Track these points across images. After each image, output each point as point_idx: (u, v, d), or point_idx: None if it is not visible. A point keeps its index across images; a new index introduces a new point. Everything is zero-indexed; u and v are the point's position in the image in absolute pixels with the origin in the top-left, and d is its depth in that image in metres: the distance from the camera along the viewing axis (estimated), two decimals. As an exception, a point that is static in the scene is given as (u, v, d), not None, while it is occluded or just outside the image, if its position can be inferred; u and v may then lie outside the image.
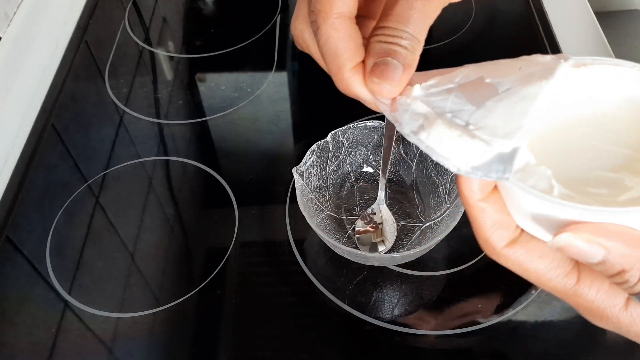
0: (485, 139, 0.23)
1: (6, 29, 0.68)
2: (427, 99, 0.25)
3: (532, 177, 0.23)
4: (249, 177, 0.58)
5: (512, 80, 0.25)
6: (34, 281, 0.51)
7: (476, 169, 0.22)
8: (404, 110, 0.24)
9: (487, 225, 0.25)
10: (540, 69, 0.25)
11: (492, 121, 0.23)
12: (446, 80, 0.26)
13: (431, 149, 0.23)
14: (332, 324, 0.47)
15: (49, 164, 0.61)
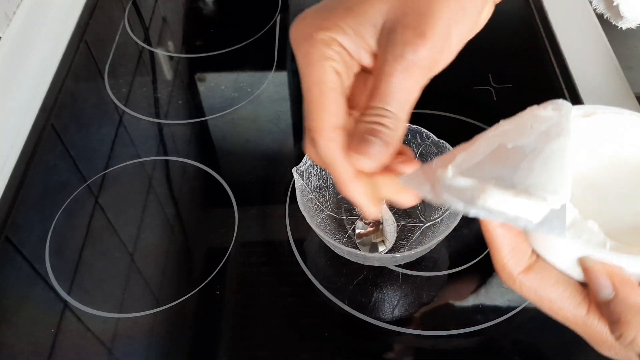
0: (540, 195, 0.23)
1: (6, 29, 0.68)
2: (465, 174, 0.25)
3: (584, 232, 0.25)
4: (249, 177, 0.58)
5: (532, 140, 0.26)
6: (33, 281, 0.51)
7: (540, 225, 0.23)
8: (447, 190, 0.25)
9: (504, 251, 0.26)
10: (550, 124, 0.27)
11: (535, 179, 0.24)
12: (471, 154, 0.27)
13: (494, 212, 0.24)
14: (332, 324, 0.47)
15: (48, 164, 0.60)
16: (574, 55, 0.67)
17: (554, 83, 0.65)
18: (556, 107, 0.28)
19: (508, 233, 0.26)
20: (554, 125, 0.27)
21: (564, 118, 0.27)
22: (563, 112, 0.28)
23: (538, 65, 0.68)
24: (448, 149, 0.50)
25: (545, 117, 0.27)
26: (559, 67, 0.66)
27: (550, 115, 0.28)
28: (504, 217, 0.23)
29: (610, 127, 0.29)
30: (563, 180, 0.24)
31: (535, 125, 0.27)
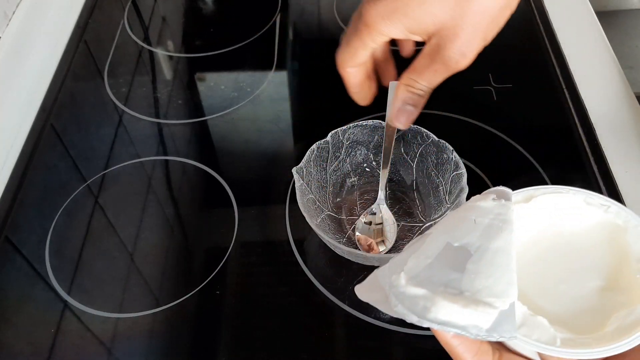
0: (487, 301, 0.25)
1: (5, 29, 0.68)
2: (417, 280, 0.27)
3: (535, 330, 0.26)
4: (249, 177, 0.58)
5: (477, 237, 0.28)
6: (33, 281, 0.51)
7: (490, 332, 0.25)
8: (401, 300, 0.26)
9: (468, 359, 0.27)
10: (493, 216, 0.29)
11: (482, 282, 0.26)
12: (422, 257, 0.28)
13: (445, 324, 0.25)
14: (332, 324, 0.47)
15: (48, 164, 0.60)
16: (574, 55, 0.67)
17: (554, 83, 0.65)
18: (497, 196, 0.30)
19: (466, 340, 0.27)
20: (496, 217, 0.28)
21: (505, 208, 0.29)
22: (503, 201, 0.29)
23: (538, 65, 0.68)
24: (448, 149, 0.50)
25: (487, 208, 0.29)
26: (559, 67, 0.66)
27: (491, 206, 0.29)
28: (455, 327, 0.25)
29: (551, 209, 0.31)
30: (509, 279, 0.26)
31: (479, 219, 0.28)
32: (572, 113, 0.62)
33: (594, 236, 0.31)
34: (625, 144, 0.58)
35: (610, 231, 0.30)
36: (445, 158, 0.51)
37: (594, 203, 0.31)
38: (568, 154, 0.59)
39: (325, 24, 0.76)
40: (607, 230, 0.31)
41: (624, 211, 0.30)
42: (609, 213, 0.30)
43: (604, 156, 0.56)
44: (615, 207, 0.30)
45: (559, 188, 0.31)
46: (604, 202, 0.30)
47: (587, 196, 0.31)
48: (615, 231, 0.30)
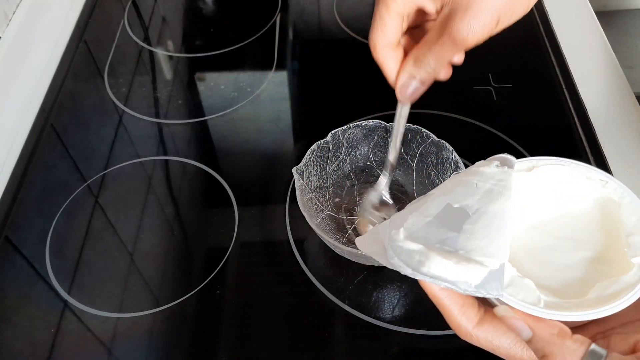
0: (479, 260, 0.26)
1: (5, 29, 0.68)
2: (415, 236, 0.28)
3: (521, 291, 0.27)
4: (249, 177, 0.58)
5: (476, 200, 0.29)
6: (33, 281, 0.51)
7: (479, 288, 0.26)
8: (398, 254, 0.28)
9: (454, 311, 0.28)
10: (494, 182, 0.30)
11: (476, 243, 0.27)
12: (422, 215, 0.29)
13: (437, 278, 0.27)
14: (332, 324, 0.47)
15: (48, 164, 0.60)
16: (574, 55, 0.67)
17: (554, 83, 0.65)
18: (501, 163, 0.31)
19: (453, 293, 0.28)
20: (497, 183, 0.30)
21: (506, 175, 0.30)
22: (506, 168, 0.31)
23: (538, 65, 0.68)
24: (448, 148, 0.50)
25: (489, 174, 0.30)
26: (559, 67, 0.67)
27: (494, 172, 0.30)
28: (445, 281, 0.26)
29: (551, 180, 0.32)
30: (502, 242, 0.27)
31: (480, 183, 0.30)
32: (571, 113, 0.62)
33: (589, 209, 0.31)
34: (624, 143, 0.58)
35: (606, 206, 0.31)
36: (445, 158, 0.51)
37: (593, 178, 0.31)
38: (568, 153, 0.58)
39: (325, 24, 0.76)
40: (602, 205, 0.32)
41: (621, 187, 0.31)
42: (607, 188, 0.31)
43: (604, 156, 0.57)
44: (613, 183, 0.31)
45: (561, 160, 0.32)
46: (603, 177, 0.31)
47: (587, 170, 0.32)
48: (610, 206, 0.31)
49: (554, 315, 0.26)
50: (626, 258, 0.29)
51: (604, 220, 0.32)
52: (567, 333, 0.26)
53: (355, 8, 0.77)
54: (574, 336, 0.26)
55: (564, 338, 0.25)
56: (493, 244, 0.27)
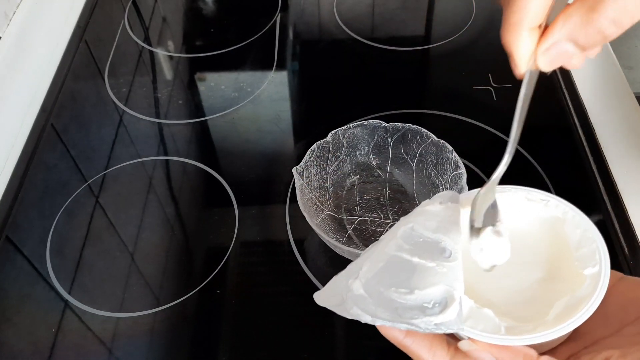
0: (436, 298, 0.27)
1: (6, 29, 0.68)
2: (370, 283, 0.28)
3: (481, 321, 0.28)
4: (249, 177, 0.58)
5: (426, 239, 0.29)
6: (34, 281, 0.51)
7: (439, 325, 0.26)
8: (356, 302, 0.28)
9: (424, 354, 0.27)
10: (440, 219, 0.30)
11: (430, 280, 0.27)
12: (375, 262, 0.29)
13: (396, 321, 0.26)
14: (332, 324, 0.47)
15: (48, 164, 0.60)
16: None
17: (553, 83, 0.65)
18: (445, 200, 0.31)
19: (417, 336, 0.27)
20: (443, 220, 0.30)
21: (451, 210, 0.30)
22: (450, 204, 0.31)
23: (538, 65, 0.68)
24: (448, 149, 0.50)
25: (435, 212, 0.31)
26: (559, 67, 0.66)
27: (439, 210, 0.31)
28: (405, 323, 0.26)
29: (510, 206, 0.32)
30: (456, 275, 0.27)
31: (427, 223, 0.30)
32: (571, 113, 0.62)
33: (535, 230, 0.32)
34: (624, 143, 0.58)
35: (551, 224, 0.32)
36: (445, 158, 0.51)
37: (534, 199, 0.32)
38: (567, 153, 0.59)
39: (325, 24, 0.76)
40: (547, 224, 0.32)
41: (563, 204, 0.31)
42: (549, 207, 0.32)
43: (604, 156, 0.57)
44: (554, 201, 0.31)
45: (501, 188, 0.32)
46: (543, 197, 0.32)
47: (527, 193, 0.32)
48: (555, 223, 0.32)
49: (515, 341, 0.26)
50: (578, 272, 0.29)
51: (551, 238, 0.32)
52: (532, 356, 0.26)
53: (355, 8, 0.77)
54: (540, 358, 0.26)
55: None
56: (447, 278, 0.27)
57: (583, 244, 0.30)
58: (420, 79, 0.72)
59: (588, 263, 0.29)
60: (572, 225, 0.31)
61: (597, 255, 0.29)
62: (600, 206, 0.53)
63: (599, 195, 0.54)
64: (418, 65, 0.72)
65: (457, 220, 0.30)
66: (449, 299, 0.26)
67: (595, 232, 0.30)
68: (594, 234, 0.30)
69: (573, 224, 0.31)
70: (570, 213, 0.31)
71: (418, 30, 0.76)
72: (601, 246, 0.29)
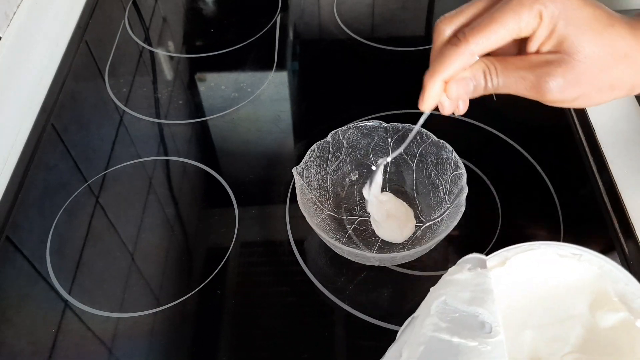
0: None
1: (6, 29, 0.68)
2: None
3: None
4: (249, 177, 0.58)
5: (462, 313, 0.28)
6: (34, 281, 0.51)
7: None
8: None
9: None
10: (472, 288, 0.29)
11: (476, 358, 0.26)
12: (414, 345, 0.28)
13: None
14: (332, 324, 0.47)
15: (49, 164, 0.60)
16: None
17: (553, 83, 0.65)
18: (473, 266, 0.30)
19: None
20: (475, 289, 0.28)
21: (482, 277, 0.29)
22: (479, 269, 0.29)
23: (538, 65, 0.68)
24: (448, 149, 0.50)
25: (465, 281, 0.29)
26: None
27: (468, 277, 0.29)
28: None
29: (526, 267, 0.31)
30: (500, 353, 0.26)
31: (460, 294, 0.28)
32: (571, 113, 0.62)
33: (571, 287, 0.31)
34: (624, 144, 0.58)
35: (589, 279, 0.31)
36: (445, 158, 0.51)
37: (566, 254, 0.31)
38: (567, 154, 0.59)
39: (325, 24, 0.76)
40: (585, 279, 0.31)
41: (596, 257, 0.30)
42: (582, 261, 0.30)
43: (604, 156, 0.57)
44: (587, 255, 0.30)
45: (530, 245, 0.31)
46: (575, 251, 0.31)
47: (558, 248, 0.31)
48: (593, 278, 0.30)
49: None
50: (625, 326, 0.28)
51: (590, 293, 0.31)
52: None
53: (355, 8, 0.77)
54: None
55: None
56: (492, 356, 0.26)
57: (628, 298, 0.29)
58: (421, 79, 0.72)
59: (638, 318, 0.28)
60: (612, 279, 0.30)
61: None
62: (600, 206, 0.53)
63: (598, 195, 0.54)
64: (418, 65, 0.71)
65: (491, 287, 0.29)
66: None
67: (637, 285, 0.29)
68: (636, 289, 0.29)
69: (612, 277, 0.30)
70: (607, 267, 0.30)
71: (418, 30, 0.76)
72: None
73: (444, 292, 0.29)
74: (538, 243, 0.31)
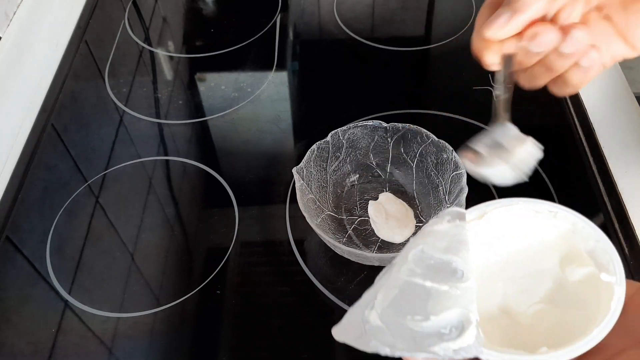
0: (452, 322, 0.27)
1: (6, 29, 0.68)
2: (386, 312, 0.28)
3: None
4: (249, 177, 0.58)
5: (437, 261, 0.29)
6: (34, 281, 0.51)
7: (457, 351, 0.26)
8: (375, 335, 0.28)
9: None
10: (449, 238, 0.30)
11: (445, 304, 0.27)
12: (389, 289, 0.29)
13: (414, 350, 0.26)
14: (332, 324, 0.47)
15: (49, 164, 0.61)
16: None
17: (553, 83, 0.65)
18: (452, 218, 0.31)
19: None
20: (452, 239, 0.30)
21: (459, 229, 0.30)
22: (458, 222, 0.31)
23: (538, 65, 0.68)
24: (448, 149, 0.50)
25: (443, 231, 0.30)
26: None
27: (447, 228, 0.31)
28: (424, 352, 0.26)
29: (503, 222, 0.32)
30: (469, 298, 0.27)
31: (437, 243, 0.30)
32: (571, 113, 0.62)
33: (544, 242, 0.32)
34: (624, 144, 0.58)
35: (561, 236, 0.31)
36: (445, 158, 0.51)
37: (541, 211, 0.31)
38: (568, 154, 0.59)
39: (325, 24, 0.76)
40: (556, 236, 0.32)
41: (571, 214, 0.31)
42: (557, 218, 0.31)
43: (604, 156, 0.57)
44: (562, 212, 0.31)
45: (507, 201, 0.32)
46: (551, 208, 0.31)
47: (534, 205, 0.32)
48: (565, 235, 0.31)
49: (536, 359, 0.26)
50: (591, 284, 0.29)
51: (561, 250, 0.32)
52: None
53: (355, 8, 0.77)
54: None
55: None
56: (461, 301, 0.27)
57: (597, 254, 0.30)
58: (420, 79, 0.72)
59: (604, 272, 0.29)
60: (584, 236, 0.30)
61: (611, 265, 0.28)
62: (600, 206, 0.53)
63: (599, 195, 0.54)
64: (418, 65, 0.72)
65: (466, 238, 0.30)
66: (465, 323, 0.26)
67: (608, 242, 0.30)
68: (607, 245, 0.29)
69: (584, 234, 0.30)
70: (580, 224, 0.31)
71: (418, 31, 0.76)
72: (614, 256, 0.29)
73: (422, 242, 0.31)
74: (517, 199, 0.32)
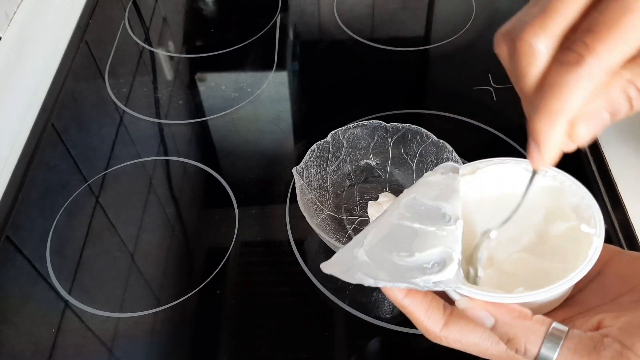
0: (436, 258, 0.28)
1: (6, 29, 0.68)
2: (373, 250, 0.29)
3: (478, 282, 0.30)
4: (249, 177, 0.58)
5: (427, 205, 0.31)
6: (34, 281, 0.51)
7: (437, 283, 0.27)
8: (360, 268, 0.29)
9: (421, 315, 0.28)
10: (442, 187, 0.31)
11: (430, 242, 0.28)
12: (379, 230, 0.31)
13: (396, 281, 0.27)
14: (332, 324, 0.47)
15: (49, 164, 0.61)
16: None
17: (553, 83, 0.65)
18: (446, 171, 0.33)
19: (416, 297, 0.28)
20: (444, 188, 0.31)
21: (452, 179, 0.32)
22: (451, 174, 0.32)
23: (538, 65, 0.68)
24: (448, 149, 0.50)
25: (436, 181, 0.32)
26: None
27: (440, 179, 0.32)
28: (405, 282, 0.27)
29: (495, 178, 0.34)
30: (455, 237, 0.28)
31: (429, 192, 0.31)
32: (571, 113, 0.62)
33: (533, 197, 0.33)
34: (624, 143, 0.58)
35: (549, 192, 0.33)
36: (445, 158, 0.51)
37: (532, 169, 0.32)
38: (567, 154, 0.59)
39: (325, 24, 0.76)
40: (545, 192, 0.33)
41: (560, 174, 0.33)
42: (547, 177, 0.33)
43: (604, 156, 0.57)
44: (552, 172, 0.33)
45: (501, 159, 0.33)
46: None
47: (526, 164, 0.33)
48: (553, 192, 0.33)
49: (511, 299, 0.27)
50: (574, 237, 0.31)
51: (548, 206, 0.33)
52: (527, 315, 0.26)
53: (355, 8, 0.77)
54: (534, 317, 0.26)
55: (524, 319, 0.26)
56: (446, 241, 0.28)
57: (581, 209, 0.31)
58: (420, 79, 0.72)
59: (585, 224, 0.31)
60: (570, 194, 0.32)
61: (592, 220, 0.30)
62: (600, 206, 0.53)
63: (599, 195, 0.54)
64: (418, 65, 0.72)
65: (457, 187, 0.31)
66: (447, 259, 0.27)
67: (591, 199, 0.31)
68: (590, 201, 0.31)
69: (570, 192, 0.32)
70: (568, 182, 0.32)
71: (418, 31, 0.76)
72: (596, 212, 0.31)
73: (415, 191, 0.32)
74: (509, 159, 0.33)
